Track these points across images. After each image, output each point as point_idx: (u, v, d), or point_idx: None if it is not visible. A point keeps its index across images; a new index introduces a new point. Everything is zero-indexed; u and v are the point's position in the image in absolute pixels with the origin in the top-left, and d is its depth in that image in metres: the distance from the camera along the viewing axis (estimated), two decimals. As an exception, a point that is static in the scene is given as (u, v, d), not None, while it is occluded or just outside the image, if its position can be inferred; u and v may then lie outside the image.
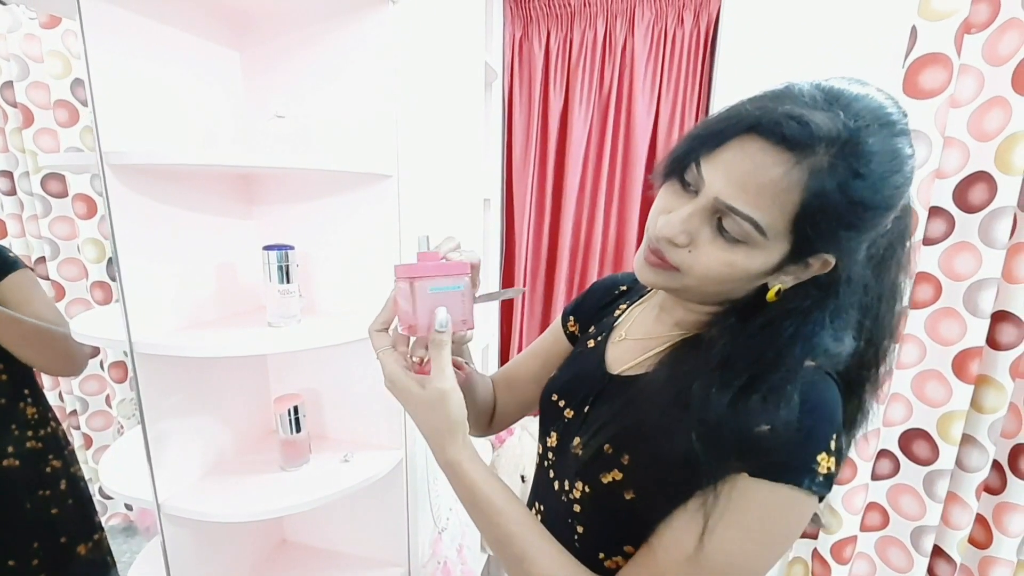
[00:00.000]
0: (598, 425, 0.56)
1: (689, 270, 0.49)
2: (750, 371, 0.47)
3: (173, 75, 0.91)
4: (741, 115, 0.45)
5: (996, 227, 1.17)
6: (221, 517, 0.89)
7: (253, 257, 1.05)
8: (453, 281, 0.53)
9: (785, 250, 0.47)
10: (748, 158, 0.44)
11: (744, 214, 0.45)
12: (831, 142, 0.41)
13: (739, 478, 0.45)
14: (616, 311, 0.71)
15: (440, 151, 1.17)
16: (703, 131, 0.48)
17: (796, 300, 0.50)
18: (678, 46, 1.54)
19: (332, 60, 0.97)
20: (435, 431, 0.53)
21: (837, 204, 0.42)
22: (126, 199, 0.81)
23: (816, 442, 0.45)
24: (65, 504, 1.13)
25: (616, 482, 0.52)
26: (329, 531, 1.21)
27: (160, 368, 0.87)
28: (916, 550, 1.36)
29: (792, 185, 0.43)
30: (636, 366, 0.60)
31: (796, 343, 0.48)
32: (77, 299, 1.83)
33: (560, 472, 0.62)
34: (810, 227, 0.44)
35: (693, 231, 0.48)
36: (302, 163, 0.85)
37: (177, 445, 0.94)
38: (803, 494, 0.45)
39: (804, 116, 0.42)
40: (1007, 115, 1.15)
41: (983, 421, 1.25)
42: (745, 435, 0.45)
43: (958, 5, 1.15)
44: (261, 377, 1.15)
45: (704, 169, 0.47)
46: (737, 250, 0.47)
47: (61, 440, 1.16)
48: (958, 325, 1.25)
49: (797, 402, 0.45)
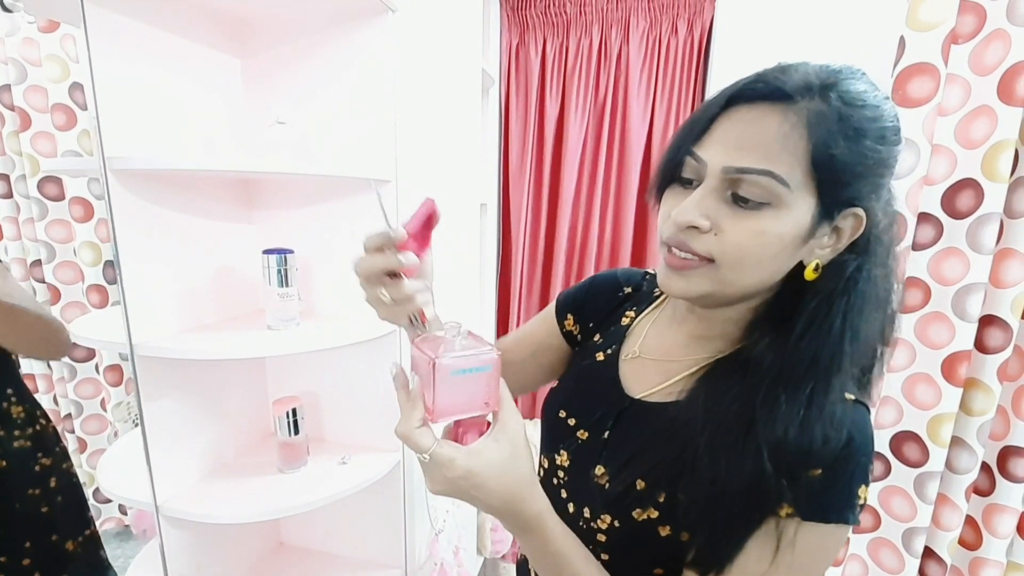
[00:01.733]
0: (626, 457, 0.53)
1: (722, 255, 0.46)
2: (811, 379, 0.46)
3: (175, 82, 0.92)
4: (718, 96, 0.47)
5: (983, 233, 1.19)
6: (219, 519, 0.89)
7: (253, 261, 1.06)
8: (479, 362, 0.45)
9: (812, 205, 0.45)
10: (740, 122, 0.45)
11: (758, 169, 0.43)
12: (811, 87, 0.43)
13: (791, 522, 0.45)
14: (623, 318, 0.66)
15: (437, 156, 1.18)
16: (686, 128, 0.49)
17: (837, 276, 0.47)
18: (672, 54, 1.56)
19: (332, 67, 0.98)
20: (517, 483, 0.45)
21: (843, 138, 0.42)
22: (128, 203, 0.81)
23: (859, 479, 0.45)
24: (55, 502, 1.12)
25: (651, 519, 0.50)
26: (326, 533, 1.22)
27: (160, 370, 0.88)
28: (907, 551, 1.38)
29: (792, 129, 0.43)
30: (661, 392, 0.56)
31: (848, 340, 0.46)
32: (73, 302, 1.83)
33: (577, 497, 0.57)
34: (828, 170, 0.43)
35: (711, 213, 0.46)
36: (302, 169, 0.87)
37: (176, 447, 0.94)
38: (846, 528, 0.46)
39: (776, 74, 0.45)
40: (993, 123, 1.17)
41: (972, 423, 1.27)
42: (798, 473, 0.44)
43: (945, 16, 1.17)
44: (260, 380, 1.15)
45: (700, 153, 0.47)
46: (764, 214, 0.44)
47: (51, 438, 1.16)
48: (947, 329, 1.27)
49: (840, 441, 0.44)
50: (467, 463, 0.42)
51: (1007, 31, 1.11)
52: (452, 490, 0.43)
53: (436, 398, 0.43)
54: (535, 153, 1.75)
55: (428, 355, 0.44)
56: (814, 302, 0.47)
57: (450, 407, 0.44)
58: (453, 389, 0.44)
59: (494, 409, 0.46)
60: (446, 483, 0.43)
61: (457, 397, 0.44)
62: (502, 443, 0.44)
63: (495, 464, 0.43)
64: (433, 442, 0.42)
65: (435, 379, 0.43)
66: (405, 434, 0.43)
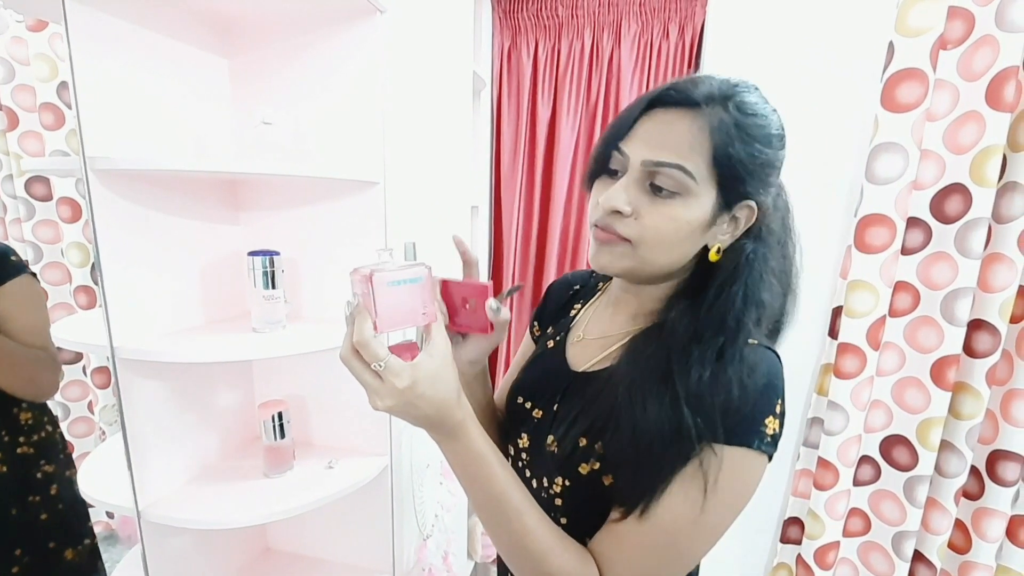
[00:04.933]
0: (570, 420, 0.59)
1: (640, 237, 0.54)
2: (719, 338, 0.53)
3: (160, 81, 0.91)
4: (640, 100, 0.55)
5: (971, 237, 1.19)
6: (203, 524, 0.88)
7: (239, 263, 1.05)
8: (410, 274, 0.50)
9: (714, 196, 0.53)
10: (657, 124, 0.53)
11: (671, 163, 0.51)
12: (714, 98, 0.52)
13: (706, 455, 0.50)
14: (572, 311, 0.75)
15: (428, 159, 1.17)
16: (613, 127, 0.56)
17: (736, 257, 0.56)
18: (663, 58, 1.56)
19: (320, 68, 0.97)
20: (447, 391, 0.50)
21: (739, 141, 0.51)
22: (110, 204, 0.80)
23: (763, 407, 0.51)
24: (55, 509, 1.11)
25: (595, 471, 0.56)
26: (313, 538, 1.21)
27: (143, 373, 0.87)
28: (897, 555, 1.38)
29: (699, 131, 0.51)
30: (599, 362, 0.63)
31: (749, 305, 0.54)
32: (60, 304, 1.80)
33: (537, 471, 0.64)
34: (727, 167, 0.52)
35: (633, 200, 0.54)
36: (289, 170, 0.86)
37: (159, 451, 0.93)
38: (754, 454, 0.51)
39: (686, 84, 0.53)
40: (981, 129, 1.18)
41: (961, 427, 1.27)
42: (707, 405, 0.50)
43: (933, 22, 1.18)
44: (246, 383, 1.14)
45: (624, 148, 0.54)
46: (674, 203, 0.53)
47: (57, 444, 1.15)
48: (936, 333, 1.28)
49: (746, 377, 0.51)
50: (412, 373, 0.47)
51: (995, 37, 1.12)
52: (399, 401, 0.48)
53: (378, 308, 0.48)
54: (527, 156, 1.75)
55: (364, 272, 0.49)
56: (720, 277, 0.56)
57: (392, 317, 0.49)
58: (391, 299, 0.49)
59: (432, 319, 0.51)
60: (395, 394, 0.47)
61: (396, 307, 0.49)
62: (435, 357, 0.49)
63: (431, 374, 0.48)
64: (388, 352, 0.48)
65: (373, 290, 0.48)
66: (363, 341, 0.47)
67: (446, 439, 0.52)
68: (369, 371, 0.48)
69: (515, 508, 0.52)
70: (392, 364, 0.47)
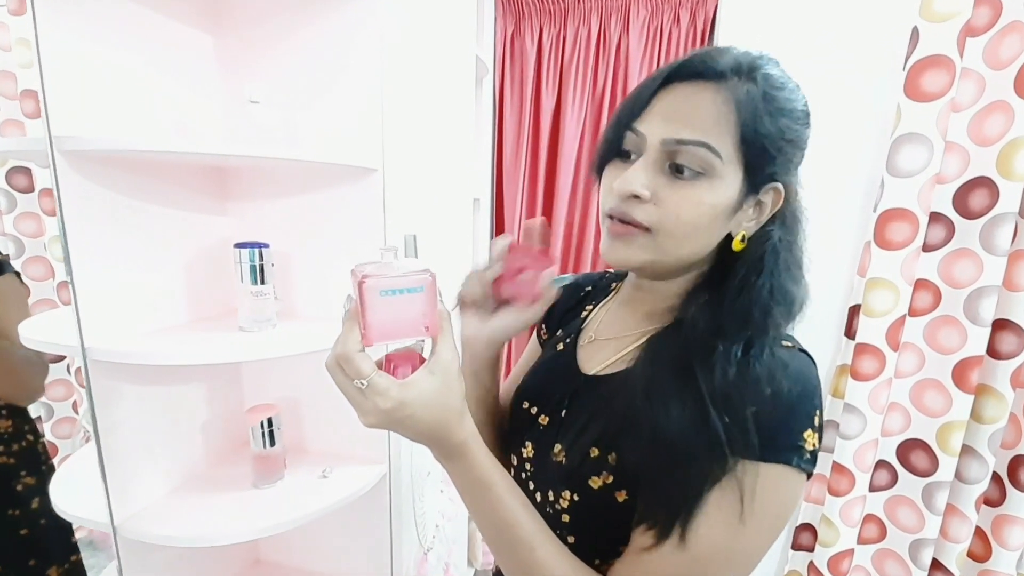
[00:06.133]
0: (579, 428, 0.54)
1: (660, 224, 0.49)
2: (745, 332, 0.48)
3: (139, 57, 0.83)
4: (656, 74, 0.49)
5: (997, 233, 1.15)
6: (185, 541, 0.81)
7: (225, 256, 0.98)
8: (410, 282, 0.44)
9: (740, 178, 0.48)
10: (677, 98, 0.48)
11: (695, 140, 0.46)
12: (738, 69, 0.47)
13: (742, 469, 0.45)
14: (583, 312, 0.70)
15: (429, 146, 1.11)
16: (626, 106, 0.51)
17: (761, 246, 0.51)
18: (674, 45, 1.50)
19: (315, 47, 0.90)
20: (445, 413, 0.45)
21: (767, 115, 0.47)
22: (81, 190, 0.73)
23: (801, 419, 0.45)
24: (37, 524, 1.04)
25: (607, 485, 0.50)
26: (307, 550, 1.14)
27: (119, 376, 0.80)
28: (914, 563, 1.33)
29: (724, 105, 0.46)
30: (612, 364, 0.57)
31: (778, 298, 0.49)
32: (43, 299, 1.73)
33: (542, 483, 0.58)
34: (755, 145, 0.47)
35: (650, 183, 0.48)
36: (279, 153, 0.79)
37: (137, 460, 0.86)
38: (792, 472, 0.45)
39: (707, 55, 0.48)
40: (1009, 120, 1.13)
41: (983, 432, 1.23)
42: (740, 414, 0.45)
43: (960, 7, 1.13)
44: (233, 385, 1.07)
45: (640, 127, 0.49)
46: (699, 185, 0.48)
47: (40, 455, 1.08)
48: (958, 333, 1.23)
49: (780, 382, 0.45)
50: (400, 394, 0.42)
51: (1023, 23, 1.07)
52: (384, 420, 0.43)
53: (367, 319, 0.42)
54: (530, 147, 1.69)
55: (358, 276, 0.43)
56: (744, 268, 0.51)
57: (383, 329, 0.43)
58: (384, 310, 0.43)
59: (434, 334, 0.46)
60: (379, 414, 0.43)
61: (390, 319, 0.43)
62: (436, 375, 0.44)
63: (426, 395, 0.43)
64: (373, 369, 0.42)
65: (363, 299, 0.42)
66: (345, 354, 0.42)
67: (444, 459, 0.48)
68: (352, 386, 0.43)
69: (524, 540, 0.47)
70: (376, 383, 0.42)
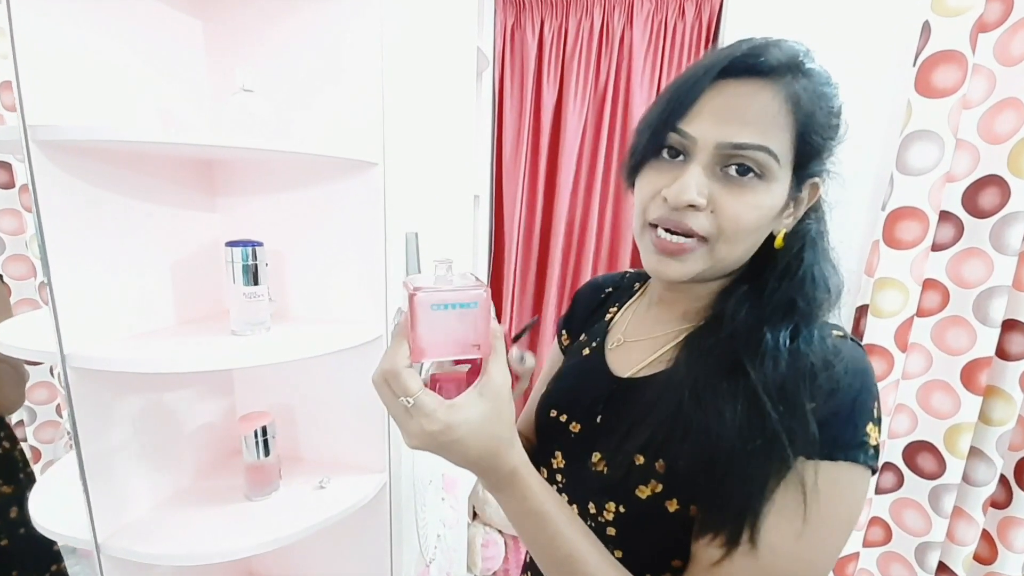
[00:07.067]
0: (621, 434, 0.51)
1: (719, 232, 0.47)
2: (792, 318, 0.47)
3: (123, 42, 0.78)
4: (704, 69, 0.46)
5: (1008, 233, 1.13)
6: (173, 560, 0.76)
7: (216, 255, 0.93)
8: (464, 297, 0.42)
9: (790, 177, 0.47)
10: (732, 97, 0.45)
11: (755, 144, 0.44)
12: (788, 65, 0.45)
13: (806, 468, 0.42)
14: (607, 314, 0.67)
15: (429, 140, 1.06)
16: (668, 103, 0.48)
17: (800, 239, 0.50)
18: (679, 39, 1.47)
19: (312, 32, 0.85)
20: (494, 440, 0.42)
21: (819, 113, 0.45)
22: (59, 183, 0.67)
23: (862, 413, 0.43)
24: (16, 534, 0.99)
25: (656, 495, 0.47)
26: (303, 563, 1.09)
27: (102, 384, 0.74)
28: (920, 567, 1.32)
29: (781, 104, 0.44)
30: (648, 366, 0.55)
31: (820, 286, 0.48)
32: (25, 299, 1.67)
33: (578, 494, 0.54)
34: (808, 144, 0.46)
35: (704, 190, 0.46)
36: (273, 145, 0.74)
37: (122, 473, 0.80)
38: (860, 469, 0.43)
39: (759, 48, 0.45)
40: (1020, 117, 1.11)
41: (991, 433, 1.22)
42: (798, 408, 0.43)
43: (973, 2, 1.10)
44: (225, 392, 1.02)
45: (688, 129, 0.46)
46: (757, 189, 0.46)
47: (17, 463, 1.02)
48: (966, 334, 1.21)
49: (837, 373, 0.43)
50: (447, 417, 0.40)
51: (1039, 19, 1.05)
52: (429, 443, 0.41)
53: (417, 334, 0.41)
54: (531, 143, 1.64)
55: (409, 289, 0.41)
56: (784, 261, 0.50)
57: (433, 346, 0.41)
58: (435, 326, 0.41)
59: (485, 354, 0.43)
60: (424, 436, 0.40)
61: (440, 334, 0.41)
62: (486, 397, 0.42)
63: (475, 419, 0.41)
64: (420, 387, 0.40)
65: (414, 312, 0.40)
66: (393, 370, 0.40)
67: (494, 489, 0.45)
68: (398, 403, 0.40)
69: (588, 574, 0.44)
70: (422, 403, 0.39)
